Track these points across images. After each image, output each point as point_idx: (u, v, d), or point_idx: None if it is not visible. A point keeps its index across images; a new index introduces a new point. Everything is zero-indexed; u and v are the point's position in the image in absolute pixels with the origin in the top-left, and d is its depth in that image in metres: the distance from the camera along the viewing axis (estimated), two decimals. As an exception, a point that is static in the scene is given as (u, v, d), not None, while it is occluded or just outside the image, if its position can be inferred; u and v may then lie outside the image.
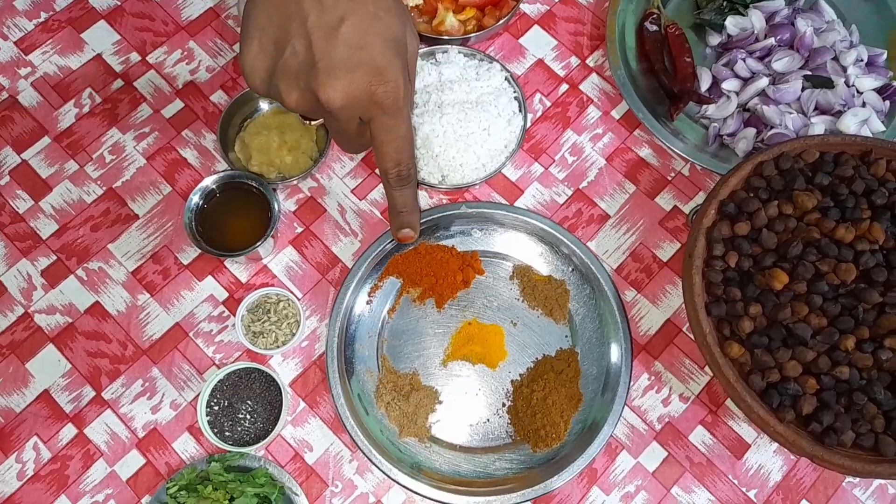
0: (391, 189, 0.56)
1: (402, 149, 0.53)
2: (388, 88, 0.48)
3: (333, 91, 0.48)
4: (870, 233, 0.61)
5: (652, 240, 0.78)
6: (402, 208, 0.57)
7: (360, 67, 0.48)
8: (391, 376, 0.73)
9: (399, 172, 0.54)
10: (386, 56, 0.48)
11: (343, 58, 0.47)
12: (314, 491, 0.70)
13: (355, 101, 0.49)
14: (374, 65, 0.48)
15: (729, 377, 0.61)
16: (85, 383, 0.72)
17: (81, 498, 0.69)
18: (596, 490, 0.71)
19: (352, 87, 0.48)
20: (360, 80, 0.48)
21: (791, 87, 0.78)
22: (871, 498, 0.71)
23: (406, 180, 0.55)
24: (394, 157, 0.53)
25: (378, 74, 0.48)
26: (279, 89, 0.50)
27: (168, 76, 0.83)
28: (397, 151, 0.53)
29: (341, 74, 0.47)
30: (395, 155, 0.53)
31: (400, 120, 0.51)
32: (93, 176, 0.79)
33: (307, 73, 0.48)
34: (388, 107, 0.49)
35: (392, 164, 0.54)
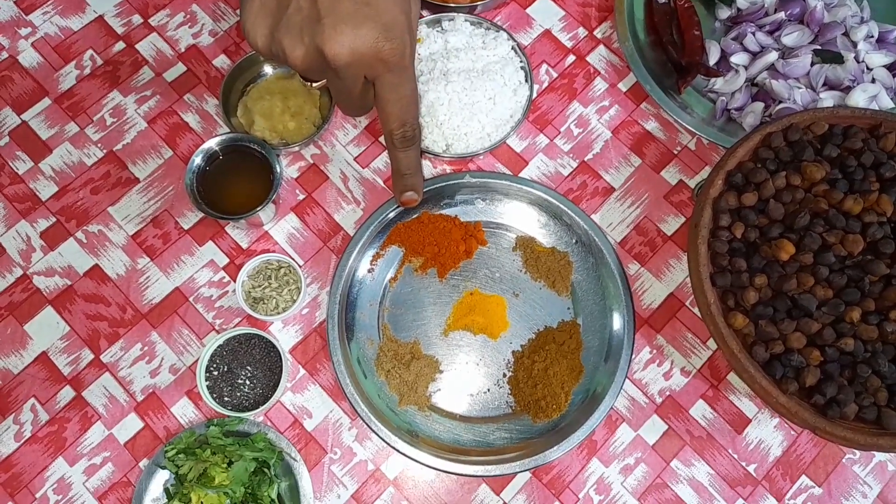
0: (395, 150, 0.55)
1: (407, 108, 0.52)
2: (394, 45, 0.48)
3: (340, 46, 0.47)
4: (878, 205, 0.61)
5: (657, 213, 0.78)
6: (406, 170, 0.56)
7: (366, 23, 0.47)
8: (392, 345, 0.72)
9: (404, 133, 0.54)
10: (392, 12, 0.47)
11: (349, 13, 0.46)
12: (313, 457, 0.70)
13: (361, 58, 0.48)
14: (380, 20, 0.47)
15: (732, 348, 0.60)
16: (83, 346, 0.72)
17: (79, 460, 0.69)
18: (595, 462, 0.70)
19: (358, 43, 0.47)
20: (367, 36, 0.47)
21: (800, 61, 0.77)
22: (871, 474, 0.71)
23: (410, 141, 0.54)
24: (399, 116, 0.52)
25: (384, 30, 0.47)
26: (283, 46, 0.48)
27: (170, 39, 0.82)
28: (402, 111, 0.52)
29: (347, 30, 0.46)
30: (399, 114, 0.52)
31: (405, 78, 0.50)
32: (93, 138, 0.78)
33: (312, 28, 0.47)
34: (393, 64, 0.48)
35: (397, 125, 0.53)
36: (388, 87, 0.50)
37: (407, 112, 0.52)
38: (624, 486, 0.70)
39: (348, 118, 0.80)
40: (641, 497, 0.70)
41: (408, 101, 0.52)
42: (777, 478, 0.70)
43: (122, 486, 0.68)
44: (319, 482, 0.69)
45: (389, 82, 0.50)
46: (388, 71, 0.49)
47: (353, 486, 0.69)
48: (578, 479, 0.70)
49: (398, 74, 0.50)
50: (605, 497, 0.69)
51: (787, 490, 0.70)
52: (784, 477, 0.70)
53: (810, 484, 0.70)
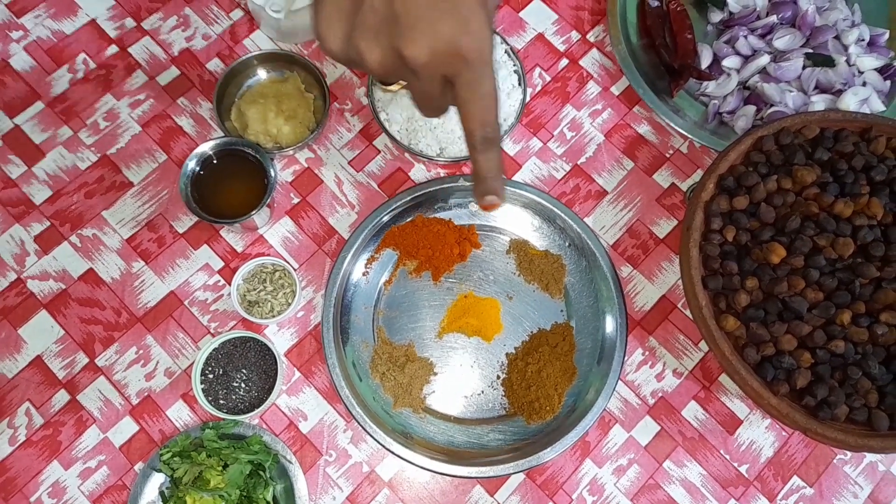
0: (476, 153, 0.53)
1: (488, 107, 0.49)
2: (473, 40, 0.45)
3: (418, 47, 0.45)
4: (868, 208, 0.61)
5: (649, 216, 0.78)
6: (487, 173, 0.54)
7: (443, 19, 0.45)
8: (387, 347, 0.73)
9: (485, 134, 0.51)
10: (469, 5, 0.45)
11: (425, 10, 0.44)
12: (308, 460, 0.70)
13: (440, 56, 0.46)
14: (458, 15, 0.45)
15: (724, 350, 0.61)
16: (78, 350, 0.72)
17: (74, 464, 0.69)
18: (589, 463, 0.71)
19: (436, 41, 0.45)
20: (445, 33, 0.45)
21: (792, 65, 0.77)
22: (862, 475, 0.71)
23: (492, 143, 0.52)
24: (479, 116, 0.49)
25: (462, 25, 0.45)
26: (359, 50, 0.47)
27: (163, 43, 0.82)
28: (483, 110, 0.49)
29: (425, 28, 0.44)
30: (480, 114, 0.49)
31: (485, 75, 0.48)
32: (87, 142, 0.78)
33: (388, 29, 0.45)
34: (473, 60, 0.46)
35: (478, 125, 0.50)
36: (467, 85, 0.48)
37: (488, 111, 0.49)
38: (617, 487, 0.70)
39: (343, 122, 0.80)
40: (634, 498, 0.70)
41: (489, 100, 0.49)
42: (769, 478, 0.71)
43: (118, 490, 0.68)
44: (315, 484, 0.69)
45: (469, 80, 0.48)
46: (468, 68, 0.47)
47: (349, 487, 0.69)
48: (572, 480, 0.70)
49: (478, 71, 0.47)
50: (599, 498, 0.70)
51: (779, 490, 0.71)
52: (776, 477, 0.71)
53: (802, 484, 0.71)
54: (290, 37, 0.81)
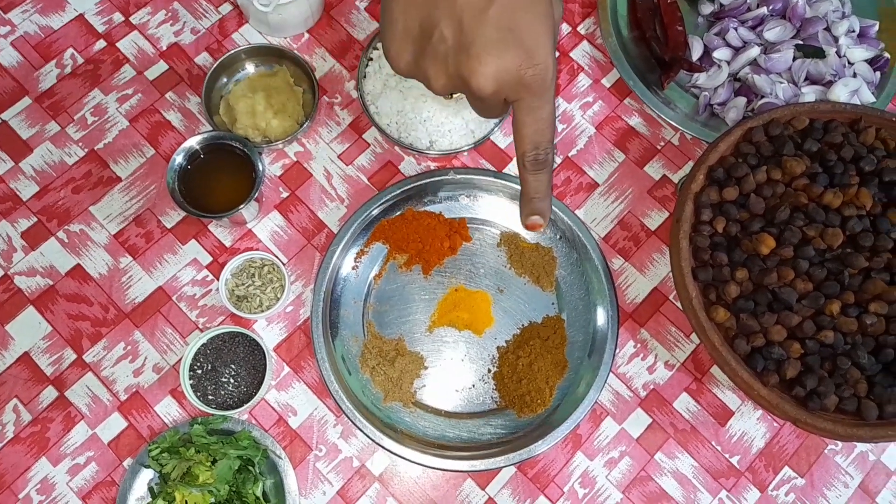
0: (525, 172, 0.53)
1: (542, 131, 0.51)
2: (537, 71, 0.47)
3: (485, 79, 0.46)
4: (857, 198, 0.61)
5: (640, 208, 0.78)
6: (535, 194, 0.54)
7: (509, 50, 0.46)
8: (376, 342, 0.72)
9: (536, 156, 0.52)
10: (534, 35, 0.46)
11: (493, 41, 0.46)
12: (298, 455, 0.70)
13: (504, 85, 0.47)
14: (523, 46, 0.46)
15: (714, 341, 0.61)
16: (66, 346, 0.72)
17: (62, 460, 0.69)
18: (580, 455, 0.71)
19: (501, 73, 0.46)
20: (510, 64, 0.46)
21: (782, 56, 0.77)
22: (853, 465, 0.71)
23: (542, 164, 0.53)
24: (533, 139, 0.51)
25: (528, 57, 0.46)
26: (427, 75, 0.49)
27: (152, 37, 0.82)
28: (537, 133, 0.51)
29: (491, 61, 0.46)
30: (534, 137, 0.51)
31: (545, 101, 0.49)
32: (74, 137, 0.78)
33: (456, 58, 0.47)
34: (535, 89, 0.48)
35: (530, 147, 0.51)
36: (526, 109, 0.49)
37: (542, 134, 0.51)
38: (608, 480, 0.70)
39: (332, 116, 0.80)
40: (626, 490, 0.70)
41: (544, 125, 0.50)
42: (760, 469, 0.71)
43: (107, 486, 0.68)
44: (304, 479, 0.69)
45: (528, 105, 0.49)
46: (530, 95, 0.48)
47: (339, 482, 0.69)
48: (563, 473, 0.70)
49: (539, 98, 0.49)
50: (590, 490, 0.70)
51: (770, 481, 0.71)
52: (767, 468, 0.71)
53: (793, 475, 0.71)
54: (279, 30, 0.81)
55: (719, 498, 0.70)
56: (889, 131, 0.67)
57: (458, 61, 0.46)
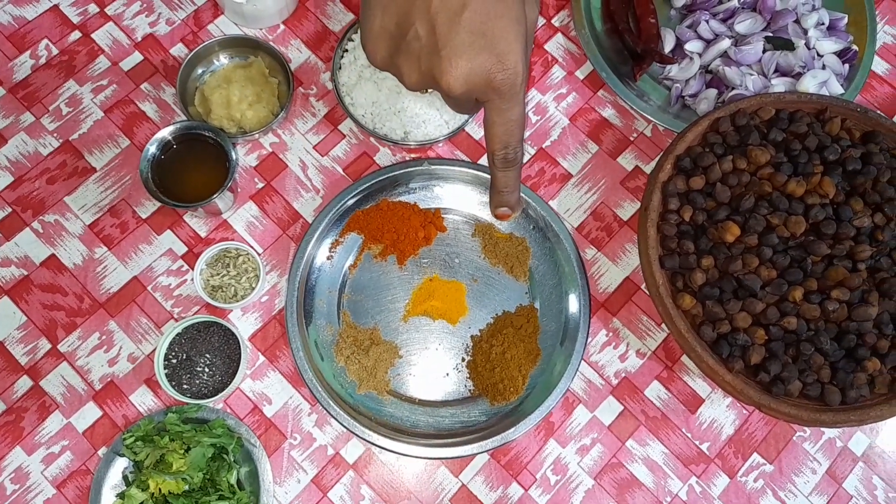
0: (495, 169, 0.55)
1: (511, 132, 0.52)
2: (506, 76, 0.48)
3: (454, 79, 0.48)
4: (820, 187, 0.62)
5: (613, 199, 0.79)
6: (503, 188, 0.56)
7: (481, 54, 0.47)
8: (351, 331, 0.73)
9: (506, 155, 0.54)
10: (506, 40, 0.48)
11: (465, 44, 0.47)
12: (273, 443, 0.70)
13: (474, 87, 0.49)
14: (494, 51, 0.47)
15: (681, 328, 0.62)
16: (41, 336, 0.72)
17: (37, 449, 0.69)
18: (553, 443, 0.72)
19: (472, 75, 0.48)
20: (481, 67, 0.48)
21: (752, 48, 0.78)
22: (820, 451, 0.73)
23: (511, 163, 0.55)
24: (502, 139, 0.52)
25: (498, 61, 0.48)
26: (400, 71, 0.50)
27: (126, 28, 0.82)
28: (506, 134, 0.52)
29: (462, 63, 0.47)
30: (503, 137, 0.52)
31: (514, 103, 0.50)
32: (49, 128, 0.78)
33: (429, 58, 0.48)
34: (505, 92, 0.49)
35: (500, 146, 0.53)
36: (496, 110, 0.51)
37: (511, 135, 0.52)
38: (580, 466, 0.71)
39: (308, 107, 0.80)
40: (598, 476, 0.71)
41: (513, 126, 0.52)
42: (729, 456, 0.72)
43: (81, 475, 0.68)
44: (279, 467, 0.70)
45: (498, 107, 0.51)
46: (499, 98, 0.50)
47: (313, 470, 0.70)
48: (536, 460, 0.71)
49: (508, 100, 0.50)
50: (562, 477, 0.71)
51: (739, 467, 0.72)
52: (736, 455, 0.72)
53: (762, 461, 0.72)
54: (254, 22, 0.81)
55: (689, 484, 0.71)
56: (854, 121, 0.68)
57: (431, 61, 0.48)
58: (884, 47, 0.86)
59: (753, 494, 0.71)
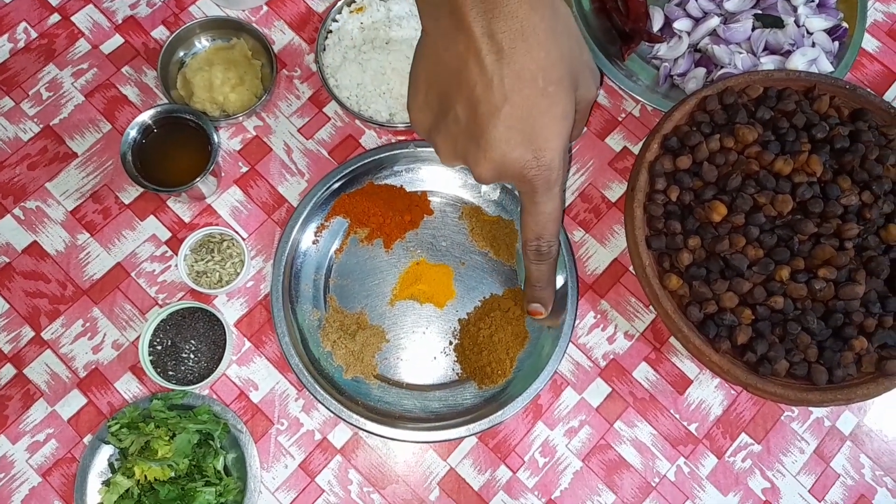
0: (527, 261, 0.55)
1: (545, 224, 0.52)
2: (540, 172, 0.48)
3: (486, 171, 0.48)
4: (808, 165, 0.62)
5: (601, 180, 0.78)
6: (536, 283, 0.56)
7: (516, 149, 0.47)
8: (338, 315, 0.73)
9: (538, 247, 0.54)
10: (545, 137, 0.47)
11: (502, 139, 0.46)
12: (259, 429, 0.70)
13: (507, 178, 0.49)
14: (531, 146, 0.47)
15: (667, 309, 0.61)
16: (24, 323, 0.71)
17: (21, 438, 0.68)
18: (541, 425, 0.71)
19: (505, 168, 0.48)
20: (515, 161, 0.47)
21: (741, 26, 0.77)
22: (808, 431, 0.73)
23: (545, 256, 0.54)
24: (535, 230, 0.52)
25: (534, 157, 0.47)
26: (437, 147, 0.51)
27: (107, 11, 0.80)
28: (539, 226, 0.52)
29: (496, 156, 0.47)
30: (536, 229, 0.52)
31: (549, 198, 0.50)
32: (29, 113, 0.77)
33: (465, 143, 0.48)
34: (538, 187, 0.49)
35: (532, 237, 0.53)
36: (530, 202, 0.51)
37: (544, 228, 0.52)
38: (568, 448, 0.71)
39: (292, 89, 0.79)
40: (586, 458, 0.71)
41: (547, 219, 0.51)
42: (717, 436, 0.72)
43: (67, 462, 0.68)
44: (266, 453, 0.69)
45: (532, 199, 0.50)
46: (533, 191, 0.49)
47: (301, 455, 0.69)
48: (524, 443, 0.71)
49: (542, 195, 0.50)
50: (551, 459, 0.71)
51: (727, 447, 0.72)
52: (724, 435, 0.72)
53: (750, 441, 0.72)
54: (236, 3, 0.80)
55: (677, 465, 0.71)
56: (842, 99, 0.67)
57: (467, 147, 0.48)
58: (874, 25, 0.85)
59: (741, 474, 0.71)
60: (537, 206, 0.51)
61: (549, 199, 0.50)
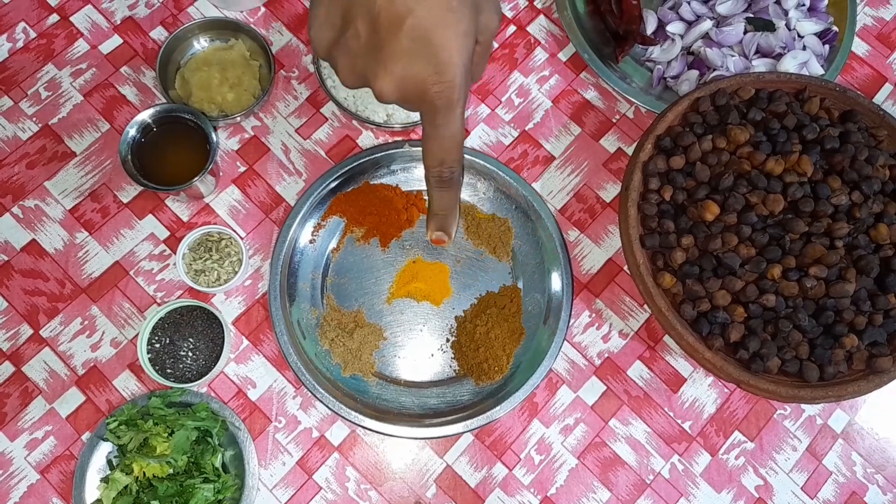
0: (431, 188, 0.54)
1: (447, 148, 0.50)
2: (442, 88, 0.46)
3: (387, 85, 0.45)
4: (799, 165, 0.63)
5: (596, 181, 0.79)
6: (439, 210, 0.54)
7: (418, 63, 0.45)
8: (335, 314, 0.73)
9: (441, 172, 0.52)
10: (449, 52, 0.45)
11: (404, 52, 0.44)
12: (257, 426, 0.70)
13: (407, 96, 0.46)
14: (434, 61, 0.45)
15: (661, 307, 0.62)
16: (22, 321, 0.71)
17: (20, 435, 0.69)
18: (536, 423, 0.72)
19: (406, 83, 0.45)
20: (416, 77, 0.45)
21: (734, 29, 0.78)
22: (801, 429, 0.74)
23: (447, 182, 0.52)
24: (437, 155, 0.50)
25: (435, 72, 0.45)
26: (336, 65, 0.48)
27: (105, 11, 0.81)
28: (441, 150, 0.50)
29: (398, 69, 0.45)
30: (438, 153, 0.50)
31: (450, 119, 0.48)
32: (28, 112, 0.77)
33: (365, 58, 0.46)
34: (439, 106, 0.47)
35: (435, 163, 0.51)
36: (430, 124, 0.48)
37: (447, 151, 0.50)
38: (564, 446, 0.72)
39: (290, 90, 0.80)
40: (581, 456, 0.72)
41: (449, 141, 0.49)
42: (711, 434, 0.73)
43: (65, 460, 0.68)
44: (264, 451, 0.70)
45: (433, 121, 0.48)
46: (434, 111, 0.47)
47: (298, 453, 0.70)
48: (520, 440, 0.72)
49: (444, 115, 0.48)
50: (546, 456, 0.71)
51: (721, 445, 0.73)
52: (718, 433, 0.73)
53: (743, 439, 0.73)
54: (234, 4, 0.81)
55: (672, 462, 0.72)
56: (833, 101, 0.68)
57: (366, 62, 0.46)
58: (864, 29, 0.86)
59: (735, 472, 0.72)
60: (438, 129, 0.49)
61: (451, 120, 0.48)
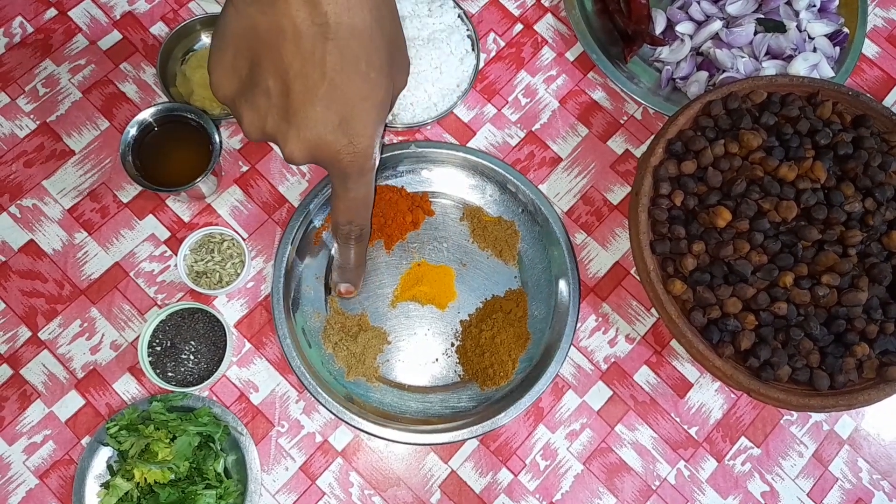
0: (338, 242, 0.53)
1: (355, 210, 0.50)
2: (354, 158, 0.45)
3: (298, 151, 0.44)
4: (812, 171, 0.62)
5: (603, 183, 0.78)
6: (346, 264, 0.54)
7: (333, 132, 0.44)
8: (339, 317, 0.72)
9: (348, 231, 0.52)
10: (364, 123, 0.44)
11: (319, 119, 0.43)
12: (260, 431, 0.69)
13: (318, 160, 0.46)
14: (349, 132, 0.44)
15: (671, 313, 0.61)
16: (20, 323, 0.70)
17: (18, 439, 0.68)
18: (542, 428, 0.71)
19: (319, 150, 0.45)
20: (330, 145, 0.44)
21: (744, 30, 0.77)
22: (807, 435, 0.73)
23: (355, 240, 0.53)
24: (346, 215, 0.50)
25: (349, 143, 0.44)
26: (240, 116, 0.46)
27: (105, 6, 0.79)
28: (350, 211, 0.50)
29: (310, 136, 0.44)
30: (347, 214, 0.50)
31: (360, 183, 0.48)
32: (25, 109, 0.75)
33: (275, 119, 0.44)
34: (350, 173, 0.46)
35: (343, 221, 0.51)
36: (340, 185, 0.48)
37: (354, 213, 0.50)
38: (570, 452, 0.71)
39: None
40: (587, 461, 0.71)
41: (357, 204, 0.50)
42: (717, 440, 0.72)
43: (65, 464, 0.67)
44: (267, 455, 0.69)
45: (343, 184, 0.48)
46: (344, 176, 0.47)
47: (301, 458, 0.69)
48: (525, 446, 0.71)
49: (354, 181, 0.47)
50: (552, 462, 0.71)
51: (727, 451, 0.72)
52: (724, 439, 0.72)
53: (749, 445, 0.72)
54: (236, 0, 0.79)
55: (678, 468, 0.71)
56: (846, 105, 0.68)
57: (278, 124, 0.44)
58: (874, 30, 0.86)
59: (741, 478, 0.71)
60: (349, 192, 0.48)
61: (361, 185, 0.48)
